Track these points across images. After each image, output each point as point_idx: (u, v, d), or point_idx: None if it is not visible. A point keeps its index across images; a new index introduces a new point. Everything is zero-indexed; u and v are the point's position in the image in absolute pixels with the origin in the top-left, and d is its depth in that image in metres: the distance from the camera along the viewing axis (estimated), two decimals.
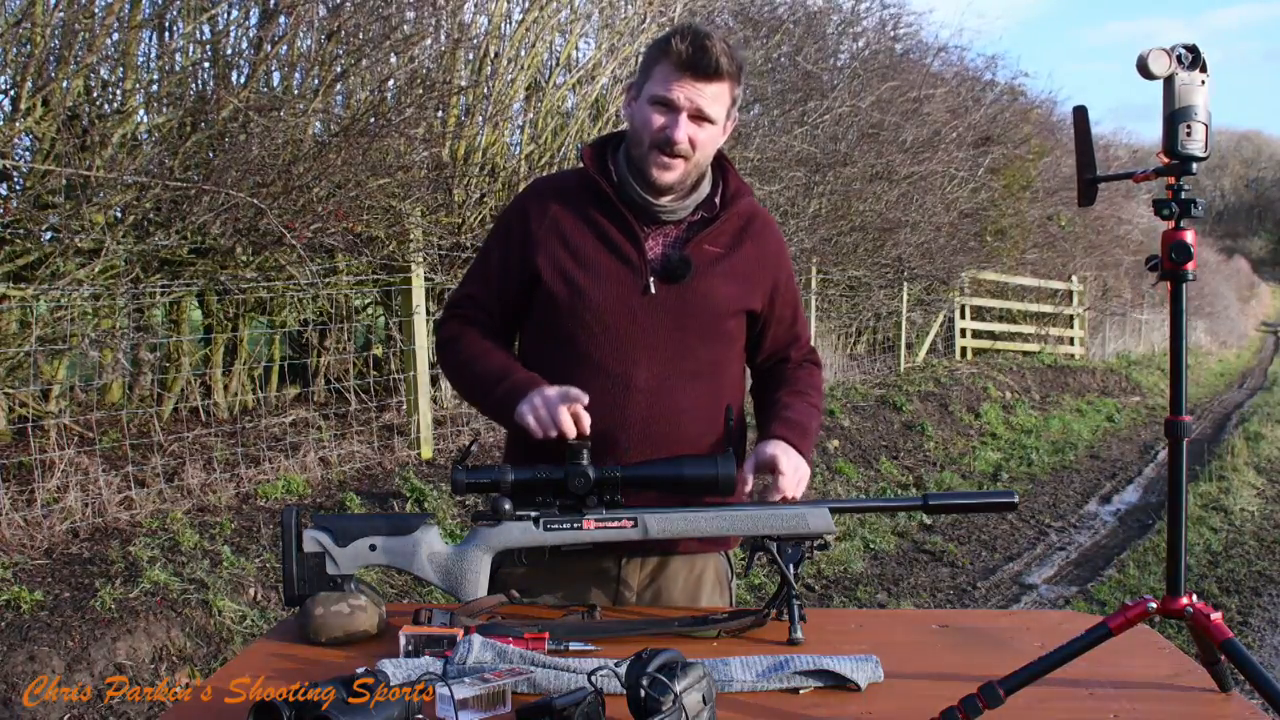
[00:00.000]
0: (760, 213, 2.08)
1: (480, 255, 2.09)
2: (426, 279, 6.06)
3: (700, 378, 1.98)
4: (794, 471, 1.90)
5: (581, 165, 2.04)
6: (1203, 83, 1.51)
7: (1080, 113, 1.62)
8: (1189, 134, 1.50)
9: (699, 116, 1.92)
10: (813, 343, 2.27)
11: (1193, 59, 1.50)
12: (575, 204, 2.00)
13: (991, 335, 15.35)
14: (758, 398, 2.15)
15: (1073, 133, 1.65)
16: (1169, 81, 1.50)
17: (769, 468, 1.89)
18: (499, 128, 6.73)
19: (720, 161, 2.05)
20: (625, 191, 1.98)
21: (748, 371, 2.16)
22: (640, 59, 2.03)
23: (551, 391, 1.85)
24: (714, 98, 1.92)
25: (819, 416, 2.09)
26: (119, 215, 4.82)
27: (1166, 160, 1.53)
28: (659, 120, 1.92)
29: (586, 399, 1.82)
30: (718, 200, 2.02)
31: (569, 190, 2.03)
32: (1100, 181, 1.62)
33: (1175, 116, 1.50)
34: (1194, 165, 1.52)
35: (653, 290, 1.95)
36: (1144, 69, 1.49)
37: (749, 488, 1.91)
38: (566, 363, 1.97)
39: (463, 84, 6.49)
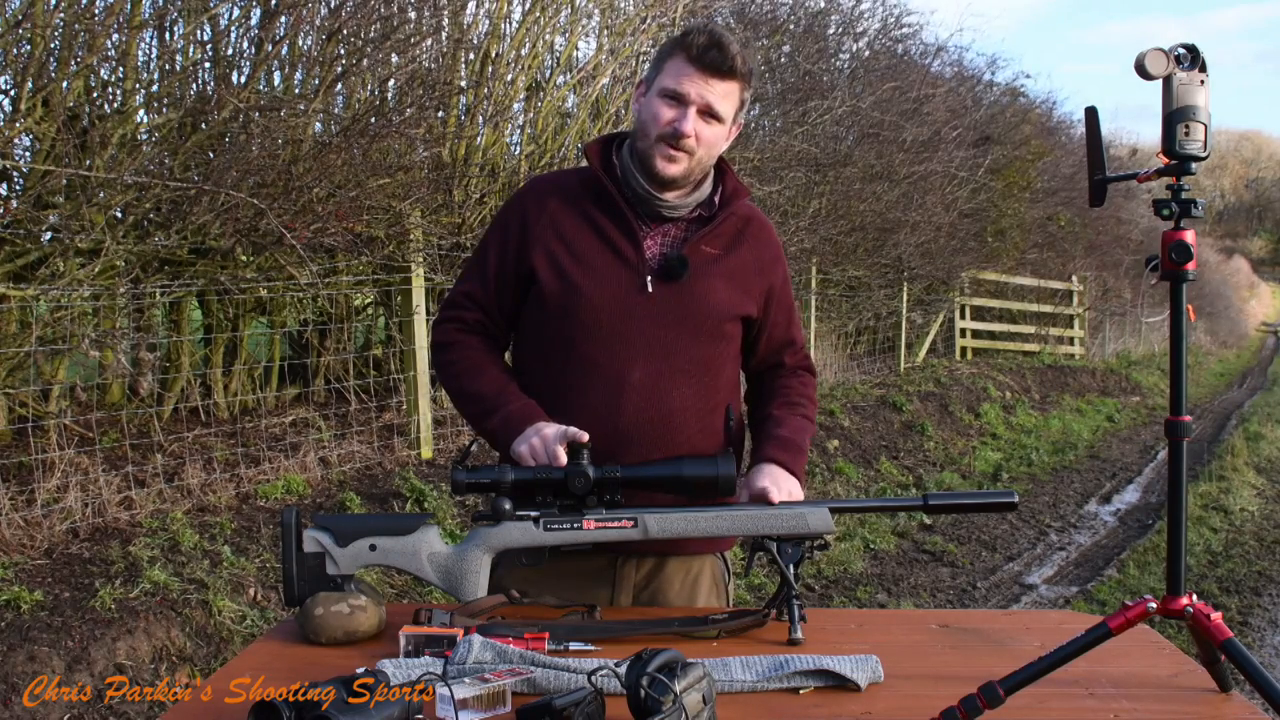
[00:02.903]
0: (758, 216, 2.09)
1: (478, 252, 2.08)
2: (426, 279, 6.06)
3: (694, 377, 1.98)
4: (786, 496, 1.91)
5: (583, 165, 2.04)
6: (1202, 82, 1.51)
7: (1091, 114, 1.62)
8: (1188, 134, 1.50)
9: (708, 113, 1.92)
10: (812, 343, 2.27)
11: (1191, 59, 1.50)
12: (574, 202, 2.00)
13: (991, 335, 15.35)
14: (752, 406, 2.15)
15: (1074, 133, 1.65)
16: (1167, 81, 1.51)
17: (761, 500, 1.90)
18: (499, 128, 6.73)
19: (719, 163, 2.05)
20: (629, 185, 1.98)
21: (743, 374, 2.17)
22: (650, 55, 2.04)
23: (550, 431, 1.85)
24: (724, 95, 1.92)
25: (812, 426, 2.11)
26: (119, 215, 4.82)
27: (1167, 160, 1.53)
28: (668, 113, 1.92)
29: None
30: (716, 200, 2.03)
31: (569, 188, 2.02)
32: (1110, 182, 1.62)
33: (1174, 116, 1.50)
34: (1194, 165, 1.52)
35: (650, 289, 1.95)
36: (1142, 69, 1.50)
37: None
38: (561, 361, 1.97)
39: (463, 84, 6.49)
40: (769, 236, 2.09)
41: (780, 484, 1.92)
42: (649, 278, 1.95)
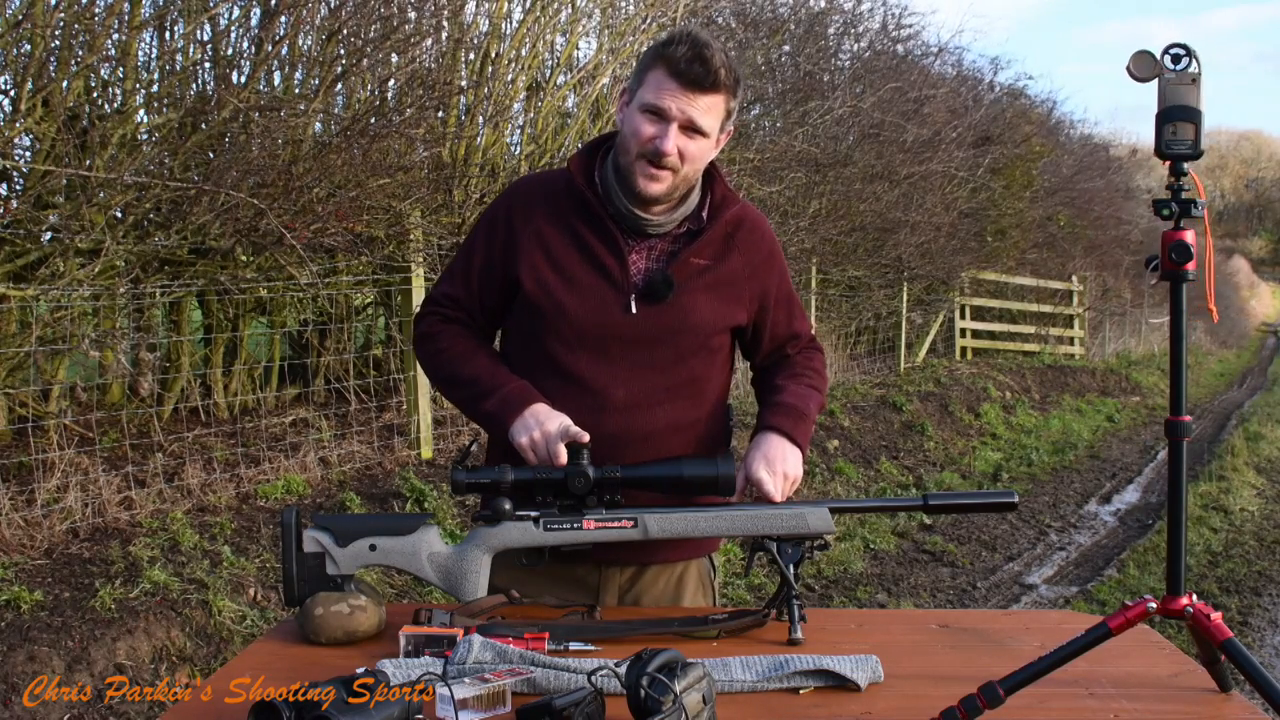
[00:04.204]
0: (749, 216, 2.02)
1: (462, 253, 2.04)
2: (426, 279, 6.06)
3: (679, 395, 1.96)
4: (780, 478, 1.89)
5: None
6: (1194, 82, 1.51)
7: None
8: (1175, 133, 1.51)
9: (691, 128, 1.85)
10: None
11: (1184, 59, 1.50)
12: (561, 212, 1.95)
13: (991, 335, 15.35)
14: (759, 390, 2.12)
15: (1074, 133, 1.66)
16: (1159, 82, 1.51)
17: (755, 487, 1.88)
18: (499, 128, 6.73)
19: (709, 170, 1.99)
20: (611, 203, 1.93)
21: (735, 376, 2.14)
22: (638, 60, 1.99)
23: (552, 427, 1.82)
24: (707, 109, 1.86)
25: (818, 395, 2.05)
26: (119, 215, 4.82)
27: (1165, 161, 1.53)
28: (649, 130, 1.85)
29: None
30: (705, 213, 1.98)
31: (556, 195, 1.97)
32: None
33: (1163, 117, 1.51)
34: (1184, 165, 1.52)
35: (634, 310, 1.91)
36: (1130, 72, 1.50)
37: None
38: (543, 376, 1.94)
39: (463, 84, 6.49)
40: (760, 236, 2.03)
41: (775, 460, 1.89)
42: (633, 297, 1.91)
